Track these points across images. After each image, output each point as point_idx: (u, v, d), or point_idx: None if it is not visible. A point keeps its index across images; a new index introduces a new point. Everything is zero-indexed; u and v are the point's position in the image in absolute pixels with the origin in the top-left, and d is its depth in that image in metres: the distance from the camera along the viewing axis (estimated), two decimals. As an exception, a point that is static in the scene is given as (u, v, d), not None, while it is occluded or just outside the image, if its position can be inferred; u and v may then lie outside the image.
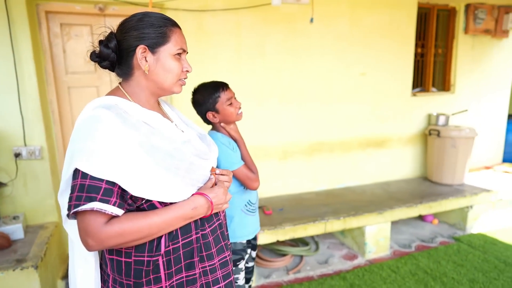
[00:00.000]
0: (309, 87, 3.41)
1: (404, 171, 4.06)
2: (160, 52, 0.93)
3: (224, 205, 1.03)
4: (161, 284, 0.93)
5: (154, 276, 0.92)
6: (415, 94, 4.00)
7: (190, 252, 0.97)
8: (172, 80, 0.96)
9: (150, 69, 0.93)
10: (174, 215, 0.90)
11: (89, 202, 0.80)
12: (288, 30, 3.24)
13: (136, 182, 0.85)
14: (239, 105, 1.63)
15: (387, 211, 3.08)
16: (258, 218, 1.76)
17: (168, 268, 0.93)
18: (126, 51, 0.93)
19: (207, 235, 1.01)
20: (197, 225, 0.98)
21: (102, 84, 2.86)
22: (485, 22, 4.12)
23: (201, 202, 0.95)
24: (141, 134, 0.89)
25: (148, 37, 0.91)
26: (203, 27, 2.96)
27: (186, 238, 0.96)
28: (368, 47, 3.59)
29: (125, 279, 0.92)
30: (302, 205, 3.22)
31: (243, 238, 1.67)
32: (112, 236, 0.83)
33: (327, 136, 3.59)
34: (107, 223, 0.83)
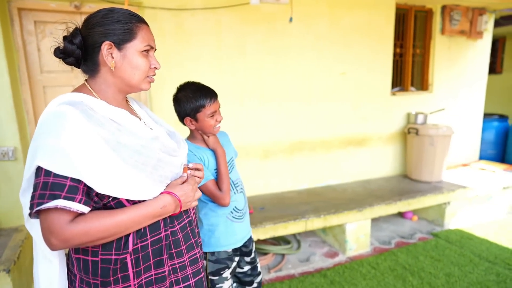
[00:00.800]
0: (290, 87, 3.43)
1: (385, 169, 4.13)
2: (126, 49, 0.92)
3: (193, 203, 1.03)
4: (129, 282, 0.92)
5: (122, 274, 0.91)
6: (395, 93, 4.07)
7: (159, 249, 0.96)
8: (140, 77, 0.95)
9: (116, 65, 0.92)
10: (141, 213, 0.89)
11: (52, 199, 0.78)
12: (268, 29, 3.25)
13: (102, 179, 0.83)
14: (220, 120, 1.53)
15: (367, 209, 3.12)
16: (247, 224, 1.68)
17: (137, 266, 0.92)
18: (91, 47, 0.91)
19: (176, 232, 1.00)
20: (166, 222, 0.98)
21: (80, 83, 2.80)
22: (460, 24, 4.23)
23: (169, 200, 0.95)
24: (107, 131, 0.87)
25: (114, 33, 0.90)
26: (182, 26, 2.94)
27: (154, 236, 0.95)
28: (348, 46, 3.63)
29: (92, 279, 0.90)
30: (284, 204, 3.23)
31: (228, 247, 1.59)
32: (77, 234, 0.81)
33: (308, 135, 3.62)
34: (71, 221, 0.81)
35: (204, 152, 1.56)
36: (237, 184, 1.63)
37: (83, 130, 0.83)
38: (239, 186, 1.64)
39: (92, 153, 0.83)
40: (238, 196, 1.63)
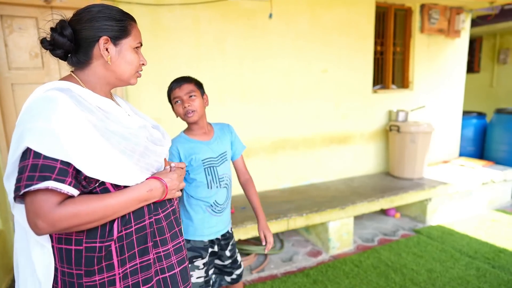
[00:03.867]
0: (271, 84, 3.39)
1: (367, 166, 4.14)
2: (122, 45, 0.96)
3: (177, 192, 1.06)
4: (114, 271, 0.92)
5: (106, 263, 0.91)
6: (376, 91, 4.09)
7: (143, 237, 0.97)
8: (131, 72, 1.00)
9: (112, 60, 0.96)
10: (129, 197, 0.91)
11: (42, 181, 0.78)
12: (248, 26, 3.20)
13: (91, 163, 0.85)
14: (188, 107, 1.51)
15: (349, 206, 3.11)
16: (226, 218, 1.69)
17: (121, 254, 0.93)
18: (85, 41, 0.93)
19: (160, 220, 1.02)
20: (150, 209, 0.99)
21: (52, 80, 2.68)
22: (439, 22, 4.29)
23: (156, 185, 0.97)
24: (96, 117, 0.89)
25: (112, 30, 0.94)
26: (159, 22, 2.85)
27: (139, 223, 0.96)
28: (329, 44, 3.62)
29: (75, 269, 0.89)
30: (266, 203, 3.18)
31: (204, 237, 1.62)
32: (66, 217, 0.81)
33: (290, 133, 3.59)
34: (60, 204, 0.81)
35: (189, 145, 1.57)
36: (222, 179, 1.62)
37: (72, 114, 0.84)
38: (223, 181, 1.63)
39: (81, 136, 0.84)
40: (221, 190, 1.63)
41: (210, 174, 1.58)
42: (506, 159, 4.37)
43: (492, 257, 2.90)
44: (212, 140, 1.63)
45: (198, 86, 1.56)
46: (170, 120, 3.07)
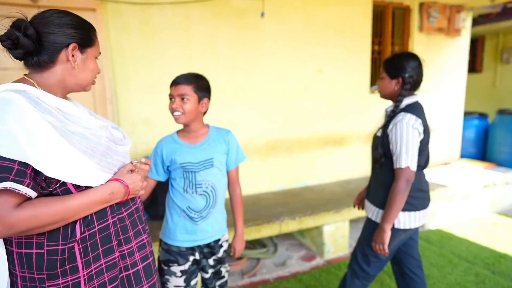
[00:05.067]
0: (264, 84, 3.33)
1: (364, 168, 4.05)
2: (88, 53, 1.00)
3: (140, 191, 1.07)
4: (78, 274, 0.91)
5: (70, 265, 0.90)
6: (373, 91, 4.00)
7: (107, 236, 0.98)
8: (91, 79, 1.03)
9: (77, 66, 0.98)
10: (90, 198, 0.91)
11: (0, 182, 0.77)
12: (240, 25, 3.14)
13: (51, 163, 0.84)
14: (174, 108, 1.47)
15: (344, 210, 3.02)
16: (207, 228, 1.56)
17: (85, 255, 0.93)
18: (53, 45, 0.93)
19: (124, 219, 1.03)
20: (113, 209, 1.00)
21: (38, 81, 2.64)
22: (438, 21, 4.20)
23: (118, 187, 0.98)
24: (55, 118, 0.89)
25: (80, 37, 0.97)
26: (149, 22, 2.80)
27: (102, 223, 0.97)
28: (324, 44, 3.55)
29: (36, 273, 0.88)
30: (258, 206, 3.11)
31: (181, 244, 1.54)
32: (24, 219, 0.80)
33: (284, 135, 3.51)
34: (18, 206, 0.81)
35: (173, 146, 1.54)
36: (200, 185, 1.52)
37: (29, 115, 0.83)
38: (201, 188, 1.53)
39: (40, 137, 0.83)
40: (197, 197, 1.53)
41: (187, 179, 1.52)
42: (508, 161, 4.26)
43: (492, 262, 2.80)
44: (199, 144, 1.54)
45: (197, 89, 1.47)
46: (161, 121, 3.03)
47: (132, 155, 2.89)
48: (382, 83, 1.74)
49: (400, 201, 1.55)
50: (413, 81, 1.64)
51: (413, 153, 1.54)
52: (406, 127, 1.54)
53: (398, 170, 1.57)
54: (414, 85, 1.67)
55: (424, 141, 1.60)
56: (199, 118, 1.54)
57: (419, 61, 1.68)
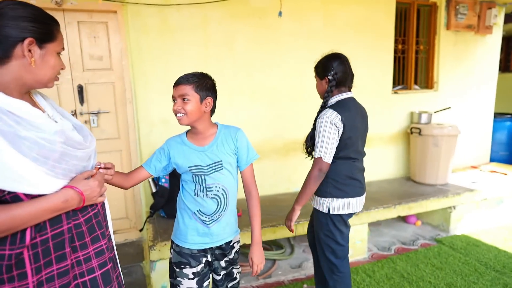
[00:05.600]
0: (282, 84, 3.30)
1: (386, 171, 3.93)
2: (47, 48, 0.94)
3: (99, 198, 1.04)
4: (27, 280, 0.87)
5: (18, 272, 0.86)
6: (396, 92, 3.88)
7: (61, 243, 0.94)
8: (52, 75, 0.98)
9: (35, 62, 0.93)
10: (41, 207, 0.87)
11: None
12: (258, 25, 3.13)
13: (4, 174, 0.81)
14: (176, 110, 1.41)
15: (363, 213, 2.94)
16: (218, 231, 1.51)
17: (36, 261, 0.89)
18: (7, 39, 0.88)
19: (80, 225, 0.99)
20: (68, 215, 0.96)
21: (63, 82, 2.74)
22: (467, 18, 4.01)
23: (71, 194, 0.94)
24: (3, 123, 0.83)
25: (38, 32, 0.91)
26: (167, 22, 2.85)
27: (56, 229, 0.93)
28: (344, 43, 3.47)
29: None
30: (275, 207, 3.08)
31: (191, 246, 1.50)
32: None
33: (303, 135, 3.44)
34: None
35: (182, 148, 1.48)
36: (211, 189, 1.47)
37: None
38: (212, 192, 1.47)
39: None
40: (208, 201, 1.48)
41: (198, 182, 1.47)
42: (543, 165, 4.00)
43: (522, 272, 2.64)
44: (207, 147, 1.47)
45: (198, 89, 1.40)
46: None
47: (150, 155, 2.94)
48: (316, 85, 1.90)
49: (311, 187, 1.78)
50: (338, 78, 1.77)
51: (328, 146, 1.69)
52: (325, 122, 1.69)
53: (314, 160, 1.79)
54: (340, 82, 1.79)
55: (346, 135, 1.72)
56: (204, 118, 1.46)
57: (340, 59, 1.81)
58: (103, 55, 2.80)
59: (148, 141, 2.92)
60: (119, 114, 2.91)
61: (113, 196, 2.99)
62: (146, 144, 2.92)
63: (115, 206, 3.01)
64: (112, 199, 3.00)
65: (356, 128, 1.76)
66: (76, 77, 2.76)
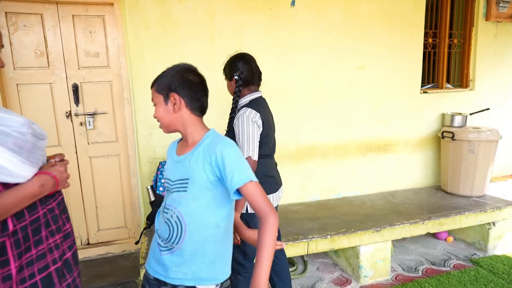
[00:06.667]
0: (296, 83, 2.99)
1: (413, 179, 3.54)
2: None
3: (66, 183, 1.08)
4: (9, 266, 0.90)
5: (1, 259, 0.89)
6: (426, 91, 3.48)
7: (38, 228, 0.98)
8: None
9: None
10: (22, 194, 0.91)
11: None
12: (270, 18, 2.83)
13: None
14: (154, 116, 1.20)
15: (386, 229, 2.59)
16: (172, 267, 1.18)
17: (17, 248, 0.93)
18: None
19: (53, 209, 1.04)
20: (42, 201, 1.00)
21: (57, 81, 2.56)
22: (511, 7, 3.54)
23: (47, 179, 0.99)
24: None
25: None
26: (169, 16, 2.60)
27: (33, 215, 0.97)
28: (366, 37, 3.12)
29: None
30: (286, 219, 2.78)
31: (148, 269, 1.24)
32: None
33: (319, 139, 3.14)
34: None
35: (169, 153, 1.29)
36: (167, 210, 1.18)
37: None
38: (167, 214, 1.18)
39: None
40: (162, 224, 1.20)
41: (165, 199, 1.24)
42: None
43: None
44: (182, 157, 1.18)
45: (159, 88, 1.15)
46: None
47: (150, 159, 2.71)
48: (227, 87, 1.90)
49: None
50: (244, 78, 1.76)
51: (253, 144, 1.67)
52: (247, 121, 1.67)
53: None
54: (247, 81, 1.78)
55: (264, 133, 1.72)
56: (183, 122, 1.16)
57: (244, 59, 1.81)
58: (100, 51, 2.59)
59: (147, 145, 2.69)
60: (117, 115, 2.70)
61: (112, 204, 2.79)
62: (145, 148, 2.69)
63: (114, 214, 2.81)
64: (110, 206, 2.80)
65: (270, 125, 1.78)
66: (71, 76, 2.56)
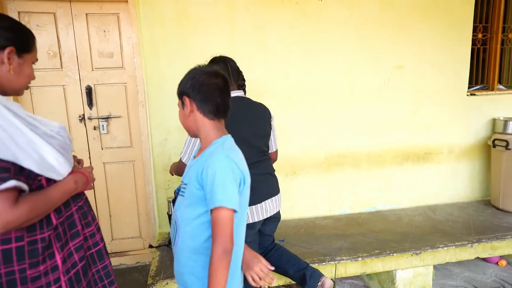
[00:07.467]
0: (325, 84, 2.73)
1: (457, 193, 3.15)
2: (25, 58, 1.00)
3: (92, 184, 1.15)
4: (55, 258, 0.97)
5: (48, 252, 0.96)
6: (474, 93, 3.09)
7: (73, 222, 1.06)
8: (25, 84, 1.04)
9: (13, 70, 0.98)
10: (63, 189, 0.99)
11: (5, 181, 0.82)
12: (296, 14, 2.59)
13: (39, 162, 0.91)
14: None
15: (427, 252, 2.26)
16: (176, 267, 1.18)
17: (59, 241, 1.00)
18: None
19: (83, 206, 1.12)
20: (73, 198, 1.07)
21: (70, 83, 2.44)
22: None
23: (79, 176, 1.07)
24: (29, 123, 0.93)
25: (19, 42, 0.97)
26: (186, 12, 2.42)
27: (68, 211, 1.05)
28: (406, 32, 2.81)
29: (17, 265, 0.92)
30: (312, 235, 2.51)
31: None
32: (23, 214, 0.86)
33: (350, 146, 2.85)
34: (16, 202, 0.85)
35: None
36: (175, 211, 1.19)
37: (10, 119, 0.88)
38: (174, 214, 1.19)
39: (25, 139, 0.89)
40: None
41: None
42: None
43: None
44: (194, 161, 1.16)
45: (178, 93, 1.15)
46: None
47: (165, 167, 2.55)
48: None
49: None
50: None
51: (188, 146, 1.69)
52: None
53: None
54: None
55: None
56: (196, 126, 1.13)
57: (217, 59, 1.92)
58: (114, 51, 2.45)
59: (163, 151, 2.52)
60: (131, 119, 2.55)
61: (126, 212, 2.64)
62: (160, 155, 2.52)
63: (128, 223, 2.66)
64: (124, 215, 2.66)
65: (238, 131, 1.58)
66: (84, 77, 2.44)
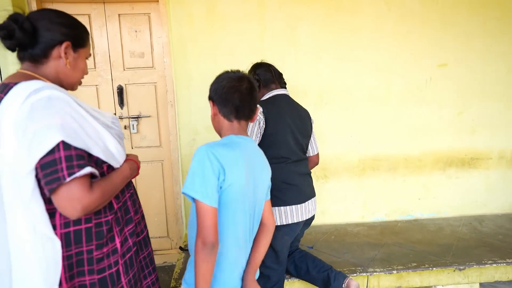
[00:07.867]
0: (358, 84, 2.58)
1: (508, 203, 2.87)
2: (80, 53, 1.03)
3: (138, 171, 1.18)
4: (115, 241, 1.02)
5: (109, 235, 1.00)
6: (529, 93, 2.79)
7: (127, 208, 1.09)
8: (79, 78, 1.07)
9: (69, 64, 1.00)
10: (123, 175, 1.02)
11: (82, 168, 0.84)
12: (329, 10, 2.47)
13: (104, 151, 0.95)
14: None
15: (472, 268, 2.05)
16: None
17: (118, 225, 1.03)
18: (47, 40, 0.97)
19: (133, 194, 1.15)
20: (127, 186, 1.11)
21: (102, 82, 2.49)
22: None
23: (133, 164, 1.11)
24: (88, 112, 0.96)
25: (75, 37, 1.00)
26: (214, 11, 2.38)
27: (123, 197, 1.08)
28: (450, 27, 2.59)
29: (85, 245, 0.95)
30: (343, 243, 2.38)
31: None
32: (97, 198, 0.88)
33: (387, 150, 2.68)
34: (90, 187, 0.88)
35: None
36: None
37: (77, 109, 0.91)
38: None
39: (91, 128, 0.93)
40: None
41: None
42: None
43: None
44: None
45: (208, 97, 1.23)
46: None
47: (193, 166, 2.52)
48: None
49: None
50: (263, 80, 1.81)
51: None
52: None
53: None
54: (265, 81, 1.81)
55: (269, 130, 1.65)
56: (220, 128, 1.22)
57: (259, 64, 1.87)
58: (145, 51, 2.47)
59: (190, 152, 2.50)
60: (160, 119, 2.55)
61: (154, 212, 2.66)
62: (188, 155, 2.51)
63: (156, 222, 2.67)
64: (153, 214, 2.67)
65: (281, 123, 1.68)
66: (116, 77, 2.48)
